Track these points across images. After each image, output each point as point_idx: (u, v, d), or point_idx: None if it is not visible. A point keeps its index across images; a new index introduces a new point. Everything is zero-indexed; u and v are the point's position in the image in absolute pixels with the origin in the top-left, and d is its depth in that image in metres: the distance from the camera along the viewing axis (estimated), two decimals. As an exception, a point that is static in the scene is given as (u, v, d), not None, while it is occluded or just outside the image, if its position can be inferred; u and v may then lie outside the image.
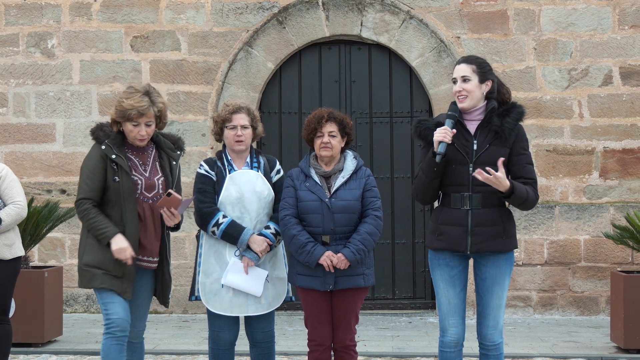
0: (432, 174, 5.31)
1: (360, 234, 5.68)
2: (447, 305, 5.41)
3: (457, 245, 5.35)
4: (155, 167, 5.71)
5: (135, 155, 5.67)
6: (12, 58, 10.64)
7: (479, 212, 5.34)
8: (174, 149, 5.78)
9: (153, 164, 5.71)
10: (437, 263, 5.44)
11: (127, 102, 5.54)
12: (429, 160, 5.30)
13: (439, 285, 5.43)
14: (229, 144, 5.94)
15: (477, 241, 5.33)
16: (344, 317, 5.76)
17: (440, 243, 5.39)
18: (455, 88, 5.41)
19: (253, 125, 5.98)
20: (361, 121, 10.64)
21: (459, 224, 5.34)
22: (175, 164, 5.76)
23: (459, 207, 5.34)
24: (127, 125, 5.58)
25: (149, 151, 5.73)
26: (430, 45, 10.46)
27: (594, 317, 10.28)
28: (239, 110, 5.95)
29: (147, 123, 5.61)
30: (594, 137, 10.37)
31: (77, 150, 10.59)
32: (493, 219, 5.36)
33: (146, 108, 5.57)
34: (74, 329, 9.48)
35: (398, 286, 10.67)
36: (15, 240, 6.58)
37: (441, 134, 5.25)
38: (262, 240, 5.83)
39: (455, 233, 5.35)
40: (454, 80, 5.42)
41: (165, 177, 5.71)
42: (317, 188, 5.74)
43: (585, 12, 10.38)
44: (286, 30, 10.55)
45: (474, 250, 5.34)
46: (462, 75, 5.38)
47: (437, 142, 5.26)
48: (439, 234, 5.40)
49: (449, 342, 5.42)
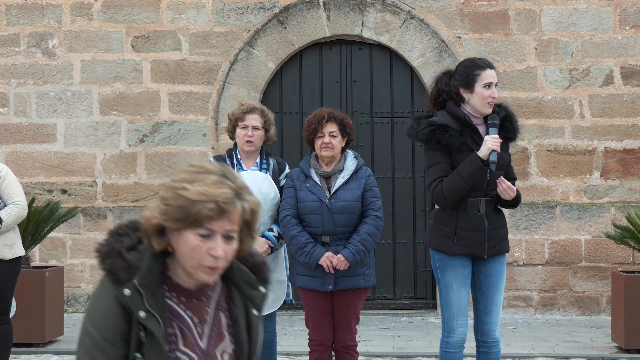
0: (474, 180, 5.29)
1: (360, 235, 5.68)
2: (459, 306, 5.42)
3: (477, 250, 5.38)
4: (219, 323, 2.78)
5: (185, 303, 2.75)
6: (13, 58, 10.65)
7: (492, 215, 5.43)
8: (256, 285, 2.85)
9: (216, 317, 2.79)
10: (452, 264, 5.41)
11: (194, 190, 2.65)
12: (476, 168, 5.25)
13: (452, 286, 5.41)
14: (239, 143, 5.94)
15: (493, 245, 5.43)
16: (345, 317, 5.77)
17: (460, 249, 5.38)
18: (490, 93, 5.34)
19: (265, 127, 5.96)
20: (362, 121, 10.64)
21: (478, 228, 5.37)
22: (258, 315, 2.85)
23: (476, 212, 5.35)
24: (189, 236, 2.63)
25: (210, 292, 2.79)
26: (431, 45, 10.46)
27: (594, 317, 10.27)
28: (252, 110, 5.94)
29: (228, 234, 2.70)
30: (594, 137, 10.37)
31: (78, 150, 10.59)
32: (502, 222, 5.50)
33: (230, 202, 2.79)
34: (75, 329, 9.47)
35: (399, 286, 10.66)
36: (15, 240, 6.58)
37: (495, 143, 5.25)
38: (263, 242, 5.83)
39: (475, 238, 5.37)
40: (488, 84, 5.35)
41: (237, 344, 2.80)
42: (317, 188, 5.74)
43: (586, 12, 10.37)
44: (287, 30, 10.55)
45: (490, 254, 5.39)
46: (495, 82, 5.39)
47: (490, 150, 5.24)
48: (458, 239, 5.38)
49: (456, 342, 5.43)
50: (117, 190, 10.56)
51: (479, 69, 5.37)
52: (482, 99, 5.34)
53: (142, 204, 10.52)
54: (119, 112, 10.57)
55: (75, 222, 10.45)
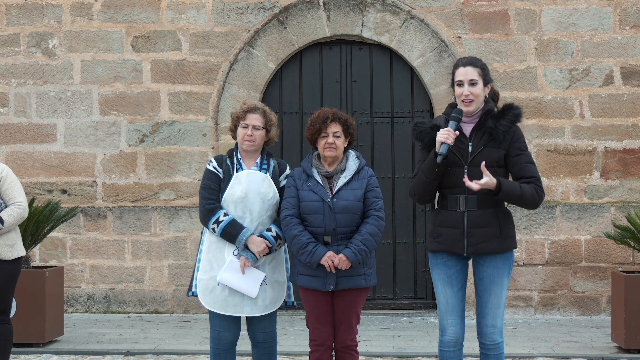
0: (433, 174, 5.32)
1: (361, 235, 5.67)
2: (445, 305, 5.42)
3: (454, 247, 5.36)
4: None
5: None
6: (13, 58, 10.64)
7: (475, 213, 5.34)
8: None
9: None
10: (435, 263, 5.46)
11: None
12: (430, 161, 5.30)
13: (437, 285, 5.46)
14: (240, 141, 5.94)
15: (473, 243, 5.33)
16: (345, 317, 5.76)
17: (437, 245, 5.41)
18: (461, 91, 5.35)
19: (267, 127, 5.96)
20: (362, 121, 10.64)
21: (455, 226, 5.35)
22: None
23: (455, 209, 5.35)
24: None
25: None
26: (431, 45, 10.46)
27: (594, 317, 10.27)
28: (254, 110, 5.94)
29: None
30: (595, 137, 10.37)
31: (78, 150, 10.59)
32: (489, 220, 5.36)
33: None
34: (74, 329, 9.48)
35: (399, 286, 10.66)
36: (16, 240, 6.58)
37: (444, 136, 5.24)
38: (260, 242, 5.82)
39: (451, 235, 5.36)
40: (459, 82, 5.37)
41: None
42: (318, 188, 5.74)
43: (586, 12, 10.38)
44: (287, 30, 10.54)
45: (471, 252, 5.35)
46: (470, 79, 5.34)
47: (439, 143, 5.25)
48: (436, 236, 5.42)
49: (448, 341, 5.43)
50: (117, 190, 10.56)
51: (455, 67, 5.43)
52: (457, 97, 5.40)
53: (142, 204, 10.53)
54: (119, 112, 10.57)
55: (75, 222, 10.45)
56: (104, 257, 10.53)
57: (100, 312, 10.51)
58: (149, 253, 10.50)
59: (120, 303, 10.51)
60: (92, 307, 10.55)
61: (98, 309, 10.51)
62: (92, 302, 10.55)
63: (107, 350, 8.39)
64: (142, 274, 10.51)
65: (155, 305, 10.51)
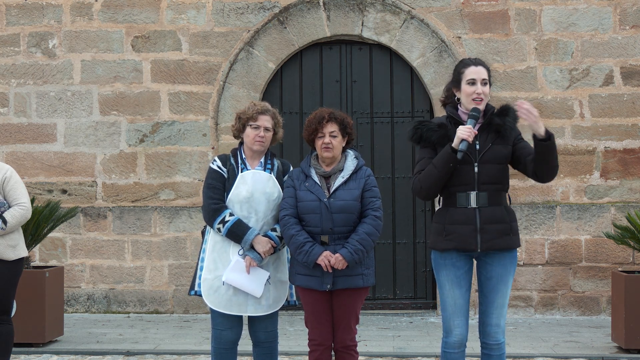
0: (446, 169, 5.34)
1: (358, 235, 5.67)
2: (453, 306, 5.42)
3: (467, 244, 5.36)
4: None
5: None
6: (13, 58, 10.65)
7: (487, 209, 5.38)
8: None
9: None
10: (443, 264, 5.44)
11: None
12: (446, 155, 5.32)
13: (445, 286, 5.44)
14: (249, 142, 5.95)
15: (487, 239, 5.36)
16: (344, 317, 5.76)
17: (448, 243, 5.40)
18: (474, 89, 5.42)
19: (275, 129, 6.02)
20: (362, 121, 10.64)
21: (467, 222, 5.37)
22: None
23: (466, 206, 5.37)
24: None
25: None
26: (431, 45, 10.46)
27: (595, 317, 10.27)
28: (266, 112, 5.98)
29: None
30: (595, 137, 10.37)
31: (78, 150, 10.59)
32: (500, 217, 5.41)
33: None
34: (75, 329, 9.48)
35: (399, 286, 10.66)
36: (19, 241, 6.58)
37: (466, 132, 5.29)
38: (266, 242, 5.83)
39: (464, 232, 5.36)
40: (471, 81, 5.43)
41: None
42: (316, 188, 5.74)
43: (586, 12, 10.38)
44: (287, 30, 10.55)
45: (484, 248, 5.37)
46: (483, 78, 5.44)
47: (460, 139, 5.29)
48: (446, 234, 5.40)
49: (454, 342, 5.43)
50: (117, 190, 10.57)
51: (464, 67, 5.49)
52: (466, 95, 5.44)
53: (142, 204, 10.53)
54: (119, 112, 10.57)
55: (75, 222, 10.45)
56: (104, 257, 10.54)
57: (100, 312, 10.52)
58: (149, 253, 10.50)
59: (120, 303, 10.51)
60: (92, 307, 10.56)
61: (98, 309, 10.52)
62: (92, 302, 10.55)
63: (107, 350, 8.39)
64: (142, 274, 10.52)
65: (155, 305, 10.51)
